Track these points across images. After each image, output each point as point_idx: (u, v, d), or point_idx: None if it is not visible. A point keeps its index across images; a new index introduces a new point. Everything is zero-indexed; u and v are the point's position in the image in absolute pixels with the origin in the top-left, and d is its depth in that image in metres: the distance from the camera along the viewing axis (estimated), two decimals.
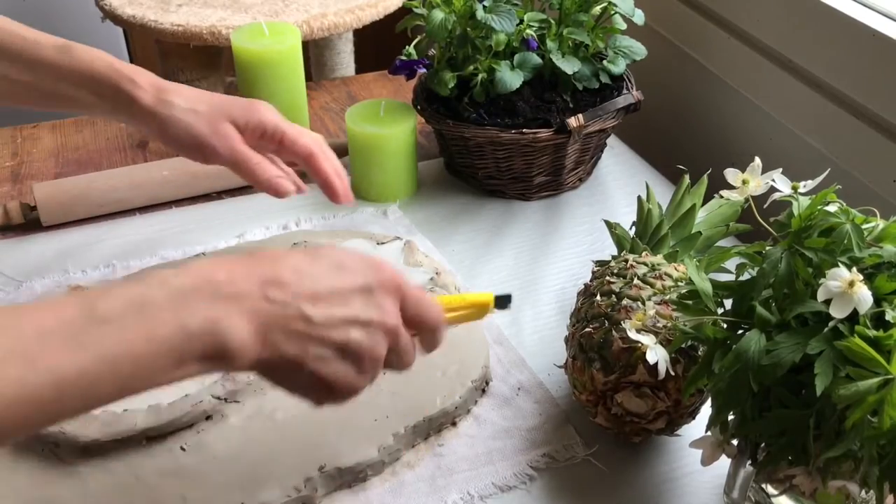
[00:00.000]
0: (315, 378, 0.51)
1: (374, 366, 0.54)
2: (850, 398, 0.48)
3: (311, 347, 0.50)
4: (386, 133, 0.95)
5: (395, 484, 0.68)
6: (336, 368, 0.52)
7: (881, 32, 0.84)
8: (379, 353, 0.53)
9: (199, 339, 0.46)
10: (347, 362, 0.52)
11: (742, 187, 0.60)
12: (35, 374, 0.41)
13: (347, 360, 0.52)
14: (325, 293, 0.51)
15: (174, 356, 0.45)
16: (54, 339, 0.42)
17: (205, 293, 0.47)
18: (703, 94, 1.14)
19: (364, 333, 0.52)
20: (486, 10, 0.93)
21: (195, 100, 0.71)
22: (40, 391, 0.41)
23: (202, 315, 0.46)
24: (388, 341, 0.54)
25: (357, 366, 0.53)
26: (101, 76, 0.70)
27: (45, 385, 0.41)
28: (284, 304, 0.49)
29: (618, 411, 0.67)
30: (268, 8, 1.29)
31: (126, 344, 0.44)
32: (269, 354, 0.49)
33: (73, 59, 0.70)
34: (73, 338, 0.42)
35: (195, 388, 0.70)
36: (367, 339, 0.52)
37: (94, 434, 0.66)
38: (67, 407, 0.43)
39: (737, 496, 0.62)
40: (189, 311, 0.46)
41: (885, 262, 0.53)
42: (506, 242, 0.95)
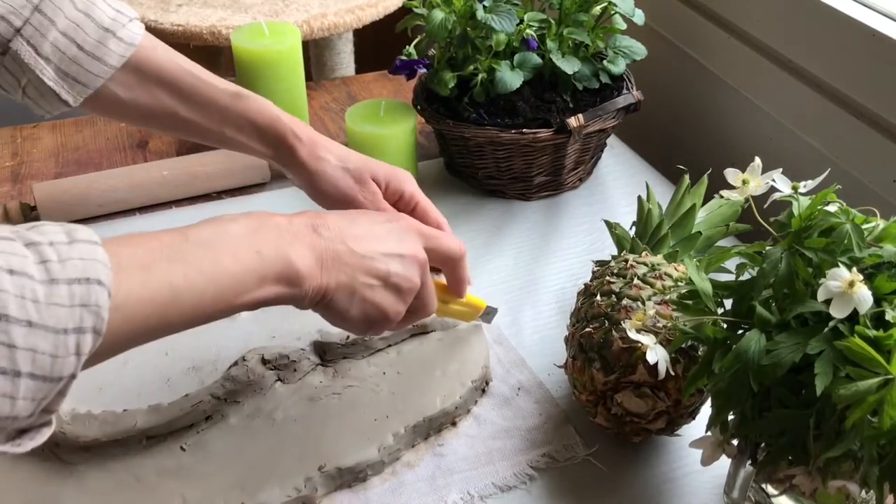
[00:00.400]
0: (364, 305, 0.60)
1: (411, 295, 0.62)
2: (850, 398, 0.48)
3: (360, 276, 0.59)
4: (386, 133, 0.95)
5: (395, 484, 0.68)
6: (382, 296, 0.60)
7: (881, 32, 0.84)
8: (415, 283, 0.62)
9: (273, 262, 0.53)
10: (390, 291, 0.61)
11: (742, 187, 0.60)
12: (153, 279, 0.47)
13: (390, 290, 0.61)
14: (365, 234, 0.60)
15: (256, 276, 0.53)
16: (162, 256, 0.48)
17: (270, 229, 0.55)
18: (703, 93, 1.14)
19: (402, 265, 0.61)
20: (486, 10, 0.93)
21: (344, 157, 0.76)
22: (159, 294, 0.47)
23: (273, 244, 0.54)
24: (419, 274, 0.62)
25: (397, 294, 0.61)
26: (268, 126, 0.75)
27: (161, 289, 0.47)
28: (334, 240, 0.58)
29: (618, 411, 0.67)
30: (268, 8, 1.29)
31: (219, 262, 0.51)
32: (328, 281, 0.57)
33: (243, 106, 0.75)
34: (177, 255, 0.49)
35: (195, 388, 0.71)
36: (404, 270, 0.61)
37: (94, 434, 0.66)
38: (182, 314, 0.49)
39: (737, 496, 0.62)
40: (261, 240, 0.54)
41: (885, 262, 0.53)
42: (506, 242, 0.95)
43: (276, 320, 0.78)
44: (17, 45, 0.67)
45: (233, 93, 0.75)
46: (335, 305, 0.59)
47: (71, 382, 0.43)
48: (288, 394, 0.72)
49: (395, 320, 0.62)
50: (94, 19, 0.70)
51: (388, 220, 0.63)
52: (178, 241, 0.50)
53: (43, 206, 0.94)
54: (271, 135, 0.75)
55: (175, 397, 0.69)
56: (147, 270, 0.47)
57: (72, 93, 0.71)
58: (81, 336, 0.42)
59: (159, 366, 0.73)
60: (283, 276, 0.54)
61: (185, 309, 0.49)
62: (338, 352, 0.75)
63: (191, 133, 0.77)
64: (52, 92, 0.70)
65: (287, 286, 0.54)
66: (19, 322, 0.40)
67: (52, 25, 0.68)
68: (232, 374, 0.71)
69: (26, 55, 0.68)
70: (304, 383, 0.73)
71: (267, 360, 0.72)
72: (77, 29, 0.69)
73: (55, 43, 0.68)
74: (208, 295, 0.50)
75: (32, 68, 0.68)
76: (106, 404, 0.69)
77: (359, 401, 0.71)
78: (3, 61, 0.69)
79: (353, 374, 0.74)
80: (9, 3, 0.66)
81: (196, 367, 0.73)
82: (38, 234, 0.43)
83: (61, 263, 0.42)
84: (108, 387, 0.71)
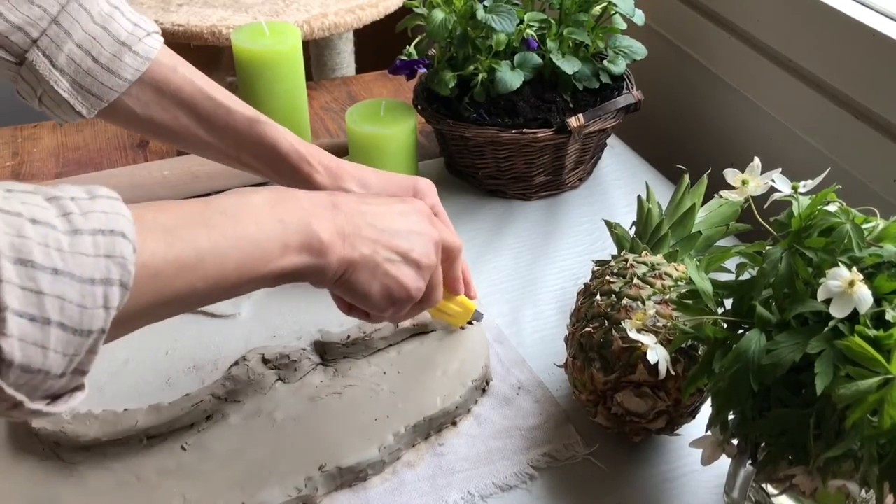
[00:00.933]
0: (387, 279, 0.59)
1: (429, 273, 0.62)
2: (851, 398, 0.48)
3: (382, 251, 0.59)
4: (386, 133, 0.95)
5: (396, 483, 0.68)
6: (404, 271, 0.60)
7: (881, 32, 0.84)
8: (433, 261, 0.62)
9: (297, 231, 0.53)
10: (411, 266, 0.61)
11: (741, 187, 0.60)
12: (177, 240, 0.47)
13: (411, 265, 0.61)
14: (382, 212, 0.61)
15: (279, 242, 0.52)
16: (186, 220, 0.49)
17: (291, 201, 0.55)
18: (703, 93, 1.14)
19: (420, 242, 0.61)
20: (487, 10, 0.93)
21: (365, 183, 0.76)
22: (184, 255, 0.47)
23: (296, 214, 0.54)
24: (435, 252, 0.63)
25: (418, 270, 0.61)
26: (283, 155, 0.75)
27: (186, 250, 0.48)
28: (354, 215, 0.58)
29: (618, 411, 0.67)
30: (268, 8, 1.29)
31: (242, 227, 0.51)
32: (351, 254, 0.57)
33: (259, 132, 0.75)
34: (201, 220, 0.50)
35: (196, 387, 0.71)
36: (423, 247, 0.61)
37: (94, 433, 0.66)
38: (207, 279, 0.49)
39: (737, 496, 0.62)
40: (283, 209, 0.54)
41: (885, 261, 0.53)
42: (506, 242, 0.95)
43: (277, 320, 0.78)
44: (34, 56, 0.68)
45: (250, 118, 0.75)
46: (358, 280, 0.58)
47: (101, 339, 0.43)
48: (288, 393, 0.72)
49: (416, 297, 0.62)
50: (111, 32, 0.70)
51: (402, 202, 0.64)
52: (200, 208, 0.50)
53: None
54: (286, 163, 0.75)
55: (176, 397, 0.69)
56: (171, 232, 0.47)
57: (86, 105, 0.71)
58: (109, 288, 0.42)
59: (160, 365, 0.73)
60: (307, 245, 0.54)
61: (210, 274, 0.49)
62: (338, 351, 0.75)
63: (208, 153, 0.77)
64: (66, 103, 0.70)
65: (311, 255, 0.54)
66: (45, 269, 0.40)
67: (69, 37, 0.68)
68: (232, 374, 0.71)
69: (42, 66, 0.68)
70: (304, 383, 0.73)
71: (267, 360, 0.72)
72: (93, 41, 0.69)
73: (70, 55, 0.69)
74: (232, 260, 0.50)
75: (47, 79, 0.69)
76: (106, 404, 0.69)
77: (359, 400, 0.71)
78: (21, 71, 0.69)
79: (353, 374, 0.74)
80: (27, 14, 0.66)
81: (197, 367, 0.73)
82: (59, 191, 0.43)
83: (84, 216, 0.42)
84: (108, 386, 0.71)
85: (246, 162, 0.76)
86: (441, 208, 0.80)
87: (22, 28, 0.67)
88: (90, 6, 0.69)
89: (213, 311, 0.79)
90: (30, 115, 1.00)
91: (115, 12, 0.70)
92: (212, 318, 0.79)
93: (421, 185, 0.79)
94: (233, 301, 0.79)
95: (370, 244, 0.58)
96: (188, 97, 0.73)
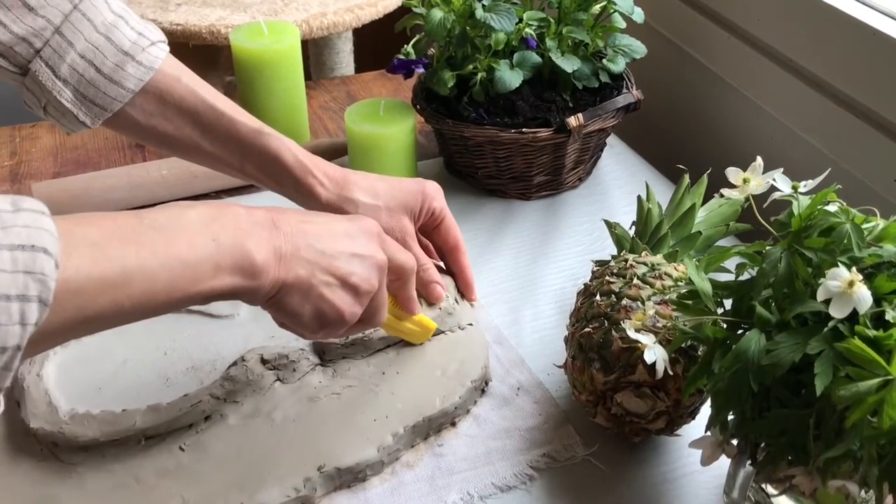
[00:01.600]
0: (320, 303, 0.58)
1: (367, 298, 0.61)
2: (850, 399, 0.48)
3: (319, 273, 0.58)
4: (385, 132, 0.95)
5: (395, 484, 0.68)
6: (340, 296, 0.59)
7: (882, 31, 0.84)
8: (373, 286, 0.61)
9: (230, 252, 0.52)
10: (348, 291, 0.60)
11: (743, 186, 0.60)
12: (104, 256, 0.46)
13: (348, 290, 0.60)
14: (325, 232, 0.59)
15: (211, 264, 0.52)
16: (115, 236, 0.48)
17: (228, 218, 0.54)
18: (703, 93, 1.14)
19: (362, 266, 0.60)
20: (486, 9, 0.93)
21: (373, 192, 0.76)
22: (109, 272, 0.46)
23: (231, 233, 0.53)
24: (378, 277, 0.61)
25: (355, 296, 0.60)
26: (286, 167, 0.74)
27: (112, 268, 0.47)
28: (293, 235, 0.57)
29: (617, 411, 0.67)
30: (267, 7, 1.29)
31: (173, 246, 0.50)
32: (286, 276, 0.56)
33: (262, 144, 0.74)
34: (131, 236, 0.49)
35: (194, 388, 0.70)
36: (364, 271, 0.60)
37: (92, 434, 0.66)
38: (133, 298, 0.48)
39: (736, 496, 0.62)
40: (219, 228, 0.53)
41: (884, 261, 0.53)
42: (505, 242, 0.95)
43: None
44: (37, 66, 0.68)
45: (254, 129, 0.74)
46: (289, 302, 0.57)
47: (17, 356, 0.42)
48: (287, 394, 0.72)
49: (349, 322, 0.61)
50: (114, 42, 0.69)
51: (350, 220, 0.62)
52: (132, 223, 0.49)
53: None
54: (289, 175, 0.75)
55: (174, 397, 0.69)
56: (98, 248, 0.46)
57: (90, 115, 0.71)
58: (26, 304, 0.41)
59: (158, 366, 0.73)
60: (240, 267, 0.53)
61: (136, 293, 0.48)
62: (337, 352, 0.75)
63: (212, 164, 0.77)
64: (70, 113, 0.70)
65: (243, 277, 0.53)
66: None
67: (71, 48, 0.68)
68: (231, 374, 0.71)
69: (44, 77, 0.68)
70: (303, 383, 0.73)
71: (266, 360, 0.72)
72: (96, 51, 0.69)
73: (73, 65, 0.68)
74: (161, 280, 0.49)
75: (50, 90, 0.68)
76: (105, 404, 0.69)
77: (358, 401, 0.71)
78: (25, 82, 0.69)
79: (352, 374, 0.74)
80: (30, 25, 0.66)
81: (195, 367, 0.73)
82: None
83: (3, 230, 0.41)
84: (106, 387, 0.71)
85: (249, 173, 0.76)
86: (447, 211, 0.80)
87: (26, 39, 0.66)
88: (93, 16, 0.69)
89: (211, 312, 0.79)
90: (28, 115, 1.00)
91: (119, 21, 0.70)
92: (210, 319, 0.79)
93: (429, 189, 0.79)
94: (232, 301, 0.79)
95: (307, 266, 0.57)
96: (191, 107, 0.73)
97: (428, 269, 0.78)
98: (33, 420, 0.67)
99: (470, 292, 0.82)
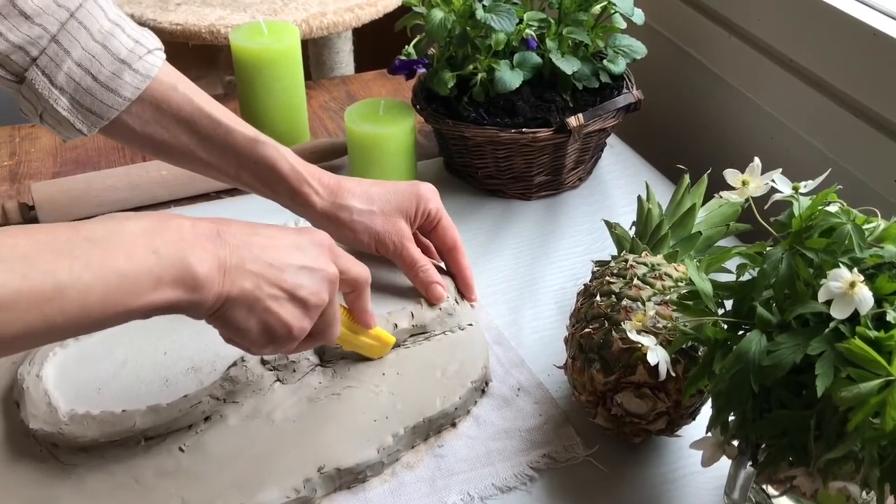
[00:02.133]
0: (267, 316, 0.57)
1: (317, 312, 0.60)
2: (852, 401, 0.48)
3: (266, 287, 0.56)
4: (385, 132, 0.95)
5: (395, 485, 0.68)
6: (287, 309, 0.58)
7: (882, 31, 0.84)
8: (323, 299, 0.60)
9: (171, 264, 0.51)
10: (297, 305, 0.58)
11: (742, 188, 0.60)
12: (35, 271, 0.45)
13: (297, 304, 0.58)
14: (273, 244, 0.58)
15: (151, 277, 0.50)
16: (49, 249, 0.47)
17: (170, 230, 0.52)
18: (703, 93, 1.14)
19: (311, 279, 0.59)
20: (486, 9, 0.93)
21: (368, 197, 0.76)
22: (40, 287, 0.45)
23: (172, 245, 0.52)
24: (328, 290, 0.60)
25: (303, 310, 0.59)
26: (282, 176, 0.74)
27: (44, 282, 0.46)
28: (239, 247, 0.55)
29: (618, 412, 0.66)
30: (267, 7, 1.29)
31: (110, 259, 0.49)
32: (230, 289, 0.54)
33: (258, 154, 0.74)
34: (66, 249, 0.47)
35: (194, 388, 0.70)
36: (313, 284, 0.59)
37: (92, 434, 0.66)
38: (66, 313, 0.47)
39: (737, 497, 0.62)
40: (160, 240, 0.51)
41: (886, 262, 0.53)
42: (505, 242, 0.95)
43: None
44: (33, 74, 0.67)
45: (250, 138, 0.74)
46: (234, 316, 0.56)
47: None
48: (287, 394, 0.72)
49: (298, 338, 0.60)
50: (110, 50, 0.69)
51: (298, 233, 0.61)
52: (68, 235, 0.48)
53: (41, 206, 0.94)
54: (285, 185, 0.75)
55: (174, 398, 0.69)
56: (29, 262, 0.45)
57: (86, 123, 0.70)
58: None
59: (158, 366, 0.73)
60: (181, 280, 0.51)
61: (69, 307, 0.47)
62: (337, 352, 0.74)
63: (208, 172, 0.77)
64: (67, 121, 0.70)
65: (185, 291, 0.52)
66: None
67: (68, 56, 0.67)
68: (231, 375, 0.71)
69: (41, 85, 0.68)
70: (303, 384, 0.73)
71: (266, 361, 0.72)
72: (93, 60, 0.68)
73: (70, 73, 0.68)
74: (96, 294, 0.48)
75: (47, 98, 0.68)
76: (104, 405, 0.68)
77: (358, 401, 0.71)
78: (21, 90, 0.69)
79: (352, 375, 0.73)
80: (26, 34, 0.66)
81: (195, 368, 0.73)
82: None
83: None
84: (106, 387, 0.70)
85: (246, 182, 0.76)
86: (444, 212, 0.79)
87: (22, 47, 0.66)
88: (90, 24, 0.68)
89: None
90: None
91: (115, 29, 0.70)
92: None
93: (423, 191, 0.78)
94: None
95: (253, 278, 0.56)
96: (188, 116, 0.73)
97: (427, 270, 0.78)
98: (33, 421, 0.67)
99: (470, 292, 0.82)
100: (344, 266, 0.63)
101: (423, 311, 0.77)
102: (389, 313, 0.76)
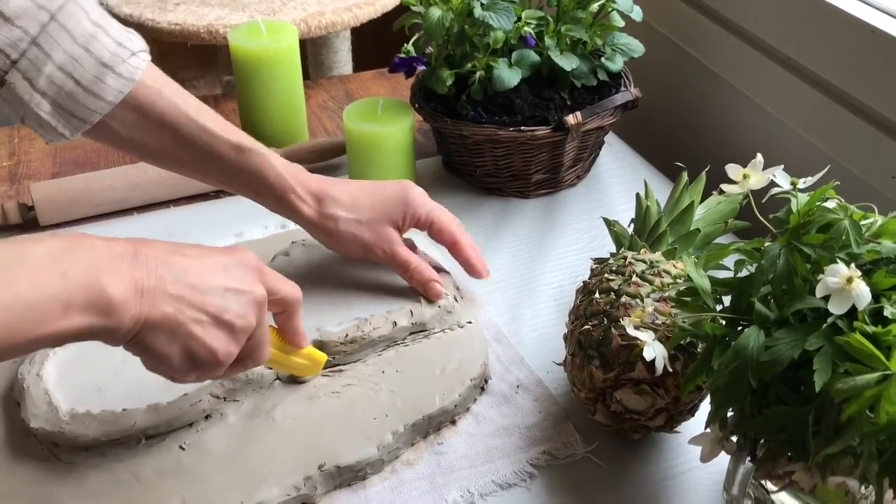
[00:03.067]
0: (190, 342, 0.54)
1: (244, 336, 0.57)
2: (848, 392, 0.48)
3: (188, 310, 0.53)
4: (384, 131, 0.95)
5: (395, 482, 0.68)
6: (213, 334, 0.55)
7: (880, 29, 0.84)
8: (250, 323, 0.57)
9: (81, 288, 0.48)
10: (222, 329, 0.55)
11: (742, 182, 0.60)
12: None
13: (222, 328, 0.55)
14: (196, 265, 0.55)
15: (59, 303, 0.47)
16: None
17: (81, 251, 0.50)
18: (701, 91, 1.14)
19: (237, 302, 0.56)
20: (484, 7, 0.93)
21: (353, 206, 0.75)
22: None
23: (82, 266, 0.49)
24: (256, 313, 0.57)
25: (230, 334, 0.56)
26: (268, 185, 0.74)
27: None
28: (159, 267, 0.52)
29: (617, 408, 0.67)
30: (265, 6, 1.29)
31: (13, 285, 0.46)
32: (149, 312, 0.51)
33: (243, 160, 0.73)
34: None
35: (194, 387, 0.70)
36: (239, 308, 0.56)
37: (93, 433, 0.66)
38: None
39: (736, 492, 0.62)
40: (69, 262, 0.48)
41: (883, 257, 0.53)
42: (504, 240, 0.95)
43: None
44: (14, 78, 0.66)
45: (235, 145, 0.73)
46: (154, 342, 0.53)
47: None
48: (287, 392, 0.72)
49: (224, 363, 0.57)
50: (93, 54, 0.67)
51: (224, 253, 0.58)
52: None
53: (40, 206, 0.94)
54: (271, 193, 0.74)
55: (174, 397, 0.69)
56: None
57: (68, 127, 0.69)
58: None
59: None
60: (93, 304, 0.49)
61: None
62: (336, 350, 0.75)
63: (196, 176, 0.76)
64: (49, 124, 0.68)
65: (98, 315, 0.49)
66: None
67: (49, 59, 0.66)
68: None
69: (21, 89, 0.66)
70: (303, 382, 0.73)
71: None
72: (75, 63, 0.66)
73: (51, 77, 0.66)
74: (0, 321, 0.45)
75: (27, 102, 0.66)
76: (105, 404, 0.69)
77: (358, 399, 0.71)
78: (1, 93, 0.67)
79: (352, 373, 0.74)
80: (6, 36, 0.64)
81: None
82: None
83: None
84: (106, 386, 0.70)
85: (234, 187, 0.75)
86: (438, 213, 0.78)
87: (2, 50, 0.64)
88: (72, 26, 0.66)
89: None
90: None
91: (98, 31, 0.68)
92: None
93: (411, 197, 0.77)
94: None
95: (174, 302, 0.52)
96: (172, 121, 0.71)
97: (422, 269, 0.77)
98: (33, 420, 0.67)
99: (479, 272, 0.80)
100: (273, 286, 0.60)
101: (422, 308, 0.77)
102: (389, 312, 0.76)
